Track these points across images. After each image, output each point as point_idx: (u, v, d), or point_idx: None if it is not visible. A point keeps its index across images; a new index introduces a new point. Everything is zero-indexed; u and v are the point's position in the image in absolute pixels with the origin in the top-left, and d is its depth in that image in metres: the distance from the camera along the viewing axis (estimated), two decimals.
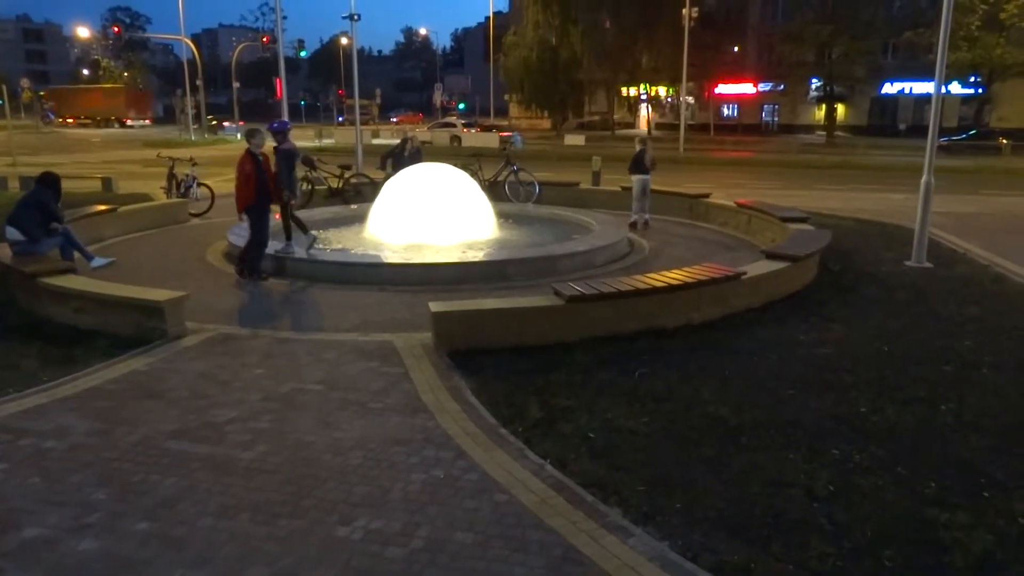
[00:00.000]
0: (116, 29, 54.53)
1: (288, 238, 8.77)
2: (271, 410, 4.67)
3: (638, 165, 11.78)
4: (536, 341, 5.79)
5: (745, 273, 6.93)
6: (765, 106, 49.21)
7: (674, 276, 6.62)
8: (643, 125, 52.13)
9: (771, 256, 7.67)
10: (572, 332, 5.92)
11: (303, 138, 42.31)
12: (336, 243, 10.24)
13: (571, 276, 7.79)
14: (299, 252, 8.53)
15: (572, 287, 6.18)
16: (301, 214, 12.05)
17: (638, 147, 12.16)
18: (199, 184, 13.54)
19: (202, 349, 5.83)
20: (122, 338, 5.96)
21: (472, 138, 37.75)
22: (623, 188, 13.95)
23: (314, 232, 9.00)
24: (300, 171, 11.44)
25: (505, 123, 60.02)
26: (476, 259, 8.65)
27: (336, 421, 4.52)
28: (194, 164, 13.99)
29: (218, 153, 31.59)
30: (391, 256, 8.72)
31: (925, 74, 36.10)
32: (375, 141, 38.01)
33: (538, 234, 10.73)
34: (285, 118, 10.85)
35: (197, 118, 46.07)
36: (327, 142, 39.23)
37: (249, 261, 8.10)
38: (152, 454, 4.13)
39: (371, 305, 7.22)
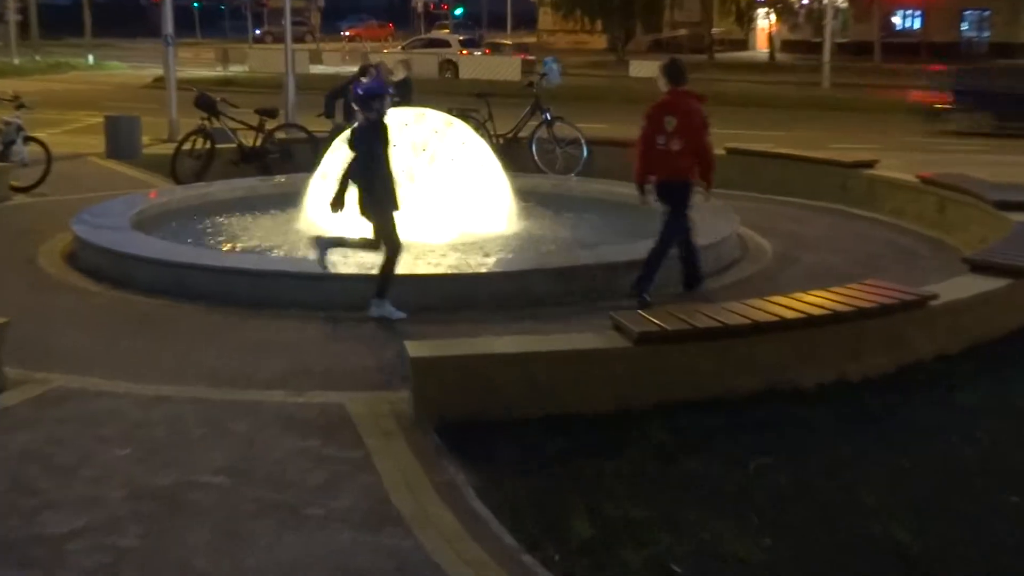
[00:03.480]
0: None
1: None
2: (143, 516, 4.69)
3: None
4: (583, 407, 5.78)
5: (936, 296, 6.91)
6: (966, 14, 49.11)
7: (816, 300, 6.61)
8: (763, 45, 52.16)
9: (979, 267, 7.65)
10: (643, 393, 5.92)
11: (197, 63, 42.92)
12: (250, 239, 10.33)
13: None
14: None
15: (644, 318, 6.19)
16: (195, 192, 12.23)
17: (402, 74, 14.11)
18: (27, 139, 13.72)
19: (31, 412, 5.87)
20: None
21: (476, 65, 37.98)
22: (728, 151, 13.98)
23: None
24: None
25: (532, 40, 60.42)
26: (482, 269, 8.67)
27: (250, 536, 4.52)
28: (20, 106, 14.18)
29: (59, 87, 32.15)
30: (341, 262, 8.78)
31: None
32: (315, 69, 38.35)
33: (584, 227, 10.74)
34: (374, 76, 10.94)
35: (24, 30, 46.83)
36: (236, 70, 39.62)
37: (691, 267, 8.39)
38: None
39: (307, 343, 7.24)
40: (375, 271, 7.83)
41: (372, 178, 7.66)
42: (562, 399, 5.83)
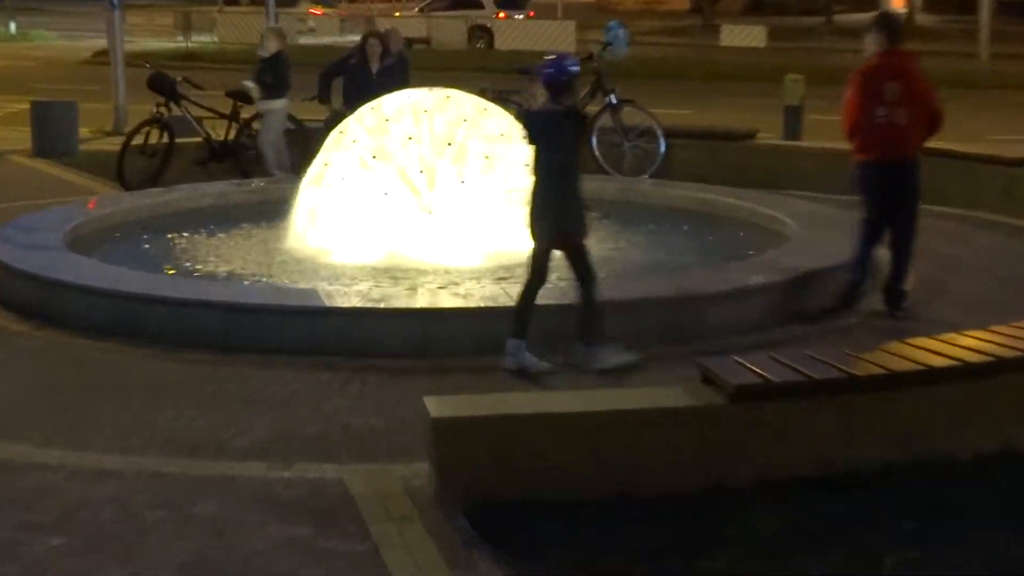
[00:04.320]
0: None
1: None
2: None
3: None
4: (663, 485, 5.77)
5: None
6: None
7: (973, 344, 6.58)
8: (898, 2, 51.96)
9: None
10: (743, 466, 5.91)
11: (151, 32, 43.48)
12: (221, 262, 10.40)
13: (738, 342, 7.85)
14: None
15: (741, 366, 6.18)
16: (149, 200, 12.34)
17: (274, 47, 14.27)
18: None
19: None
20: None
21: (517, 32, 38.15)
22: None
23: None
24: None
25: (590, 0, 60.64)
26: None
27: None
28: None
29: None
30: (339, 293, 8.83)
31: None
32: (305, 40, 38.62)
33: (662, 245, 10.76)
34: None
35: None
36: (202, 41, 40.01)
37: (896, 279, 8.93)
38: None
39: (296, 399, 7.29)
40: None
41: (551, 180, 7.82)
42: (634, 473, 5.79)
